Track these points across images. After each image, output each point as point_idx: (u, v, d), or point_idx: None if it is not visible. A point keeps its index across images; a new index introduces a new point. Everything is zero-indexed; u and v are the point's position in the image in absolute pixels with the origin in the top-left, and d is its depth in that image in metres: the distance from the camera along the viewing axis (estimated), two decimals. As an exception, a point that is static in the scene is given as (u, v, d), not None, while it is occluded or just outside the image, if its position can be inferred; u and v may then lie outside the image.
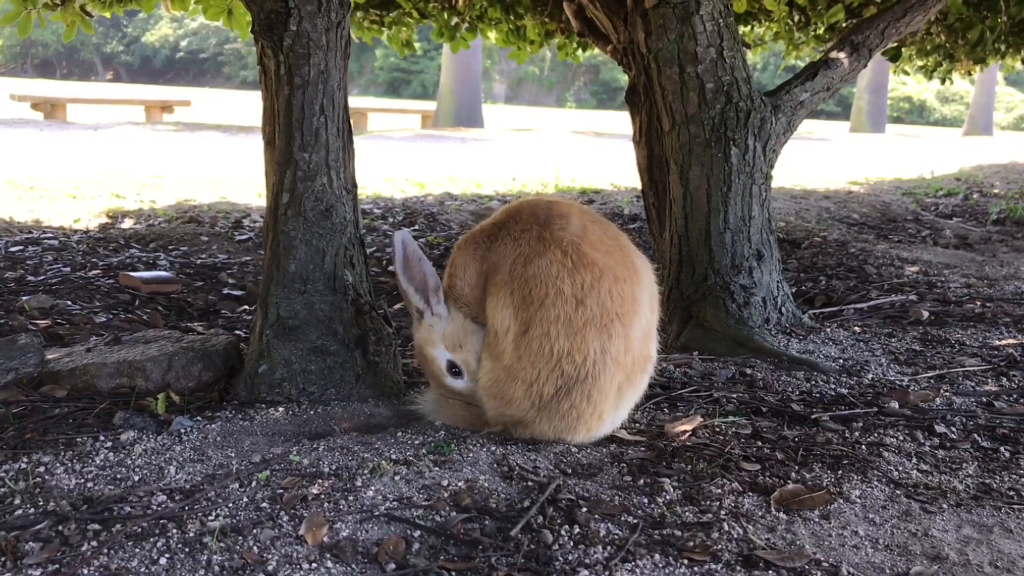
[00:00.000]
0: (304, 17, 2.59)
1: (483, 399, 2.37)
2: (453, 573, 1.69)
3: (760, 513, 1.99)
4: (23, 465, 2.10)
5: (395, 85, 50.91)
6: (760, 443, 2.42)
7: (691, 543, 1.83)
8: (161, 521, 1.84)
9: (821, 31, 6.68)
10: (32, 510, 1.89)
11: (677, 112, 3.55)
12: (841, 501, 2.07)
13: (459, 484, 2.05)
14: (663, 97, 3.58)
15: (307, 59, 2.61)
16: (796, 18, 6.62)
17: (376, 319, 2.76)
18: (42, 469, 2.09)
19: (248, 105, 25.10)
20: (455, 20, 6.31)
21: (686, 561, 1.76)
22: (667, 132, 3.62)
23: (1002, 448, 2.43)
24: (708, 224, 3.55)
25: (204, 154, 12.07)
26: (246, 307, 4.05)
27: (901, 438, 2.49)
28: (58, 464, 2.11)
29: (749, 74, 3.58)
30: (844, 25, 5.83)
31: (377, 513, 1.89)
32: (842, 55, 3.79)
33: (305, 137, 2.64)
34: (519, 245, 2.31)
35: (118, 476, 2.08)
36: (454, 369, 2.43)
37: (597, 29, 4.10)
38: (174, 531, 1.80)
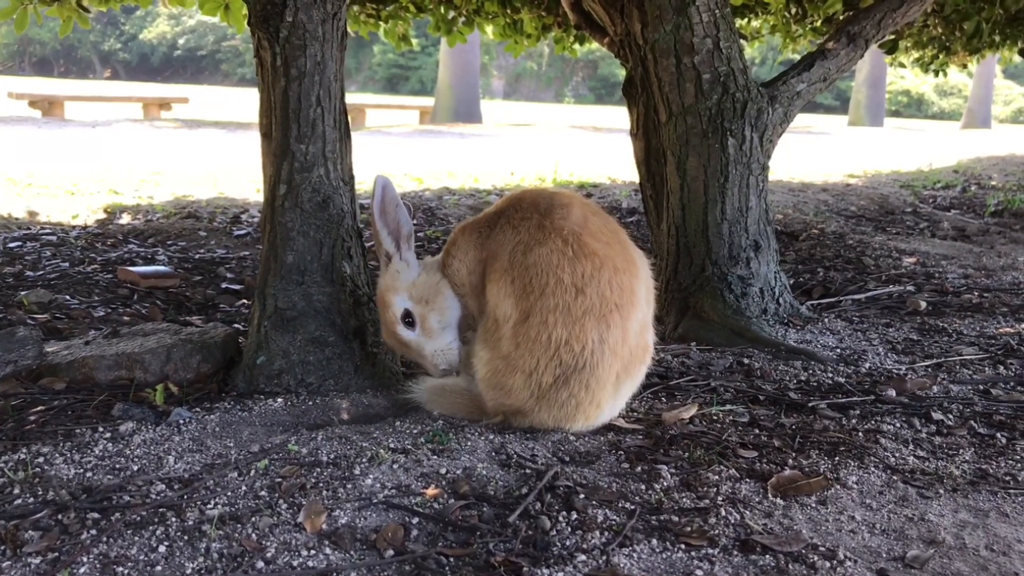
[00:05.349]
0: (300, 8, 2.59)
1: (482, 389, 2.37)
2: (451, 559, 1.69)
3: (757, 499, 2.00)
4: (22, 456, 2.10)
5: (393, 81, 50.84)
6: (757, 431, 2.42)
7: (688, 528, 1.83)
8: (160, 510, 1.85)
9: (818, 23, 6.68)
10: (32, 499, 1.90)
11: (674, 103, 3.55)
12: (838, 487, 2.07)
13: (457, 472, 2.05)
14: (660, 88, 3.58)
15: (303, 50, 2.61)
16: (793, 10, 6.62)
17: (374, 310, 2.77)
18: (41, 460, 2.09)
19: (246, 102, 25.08)
20: (452, 14, 6.30)
21: (683, 546, 1.77)
22: (664, 123, 3.62)
23: (998, 434, 2.43)
24: (705, 215, 3.56)
25: (202, 151, 12.05)
26: (244, 301, 4.06)
27: (898, 425, 2.50)
28: (57, 455, 2.12)
29: (746, 64, 3.58)
30: (841, 16, 5.82)
31: (375, 501, 1.90)
32: (838, 45, 3.78)
33: (302, 128, 2.64)
34: (519, 233, 2.31)
35: (117, 466, 2.08)
36: (408, 319, 2.42)
37: (594, 21, 4.09)
38: (173, 519, 1.81)
